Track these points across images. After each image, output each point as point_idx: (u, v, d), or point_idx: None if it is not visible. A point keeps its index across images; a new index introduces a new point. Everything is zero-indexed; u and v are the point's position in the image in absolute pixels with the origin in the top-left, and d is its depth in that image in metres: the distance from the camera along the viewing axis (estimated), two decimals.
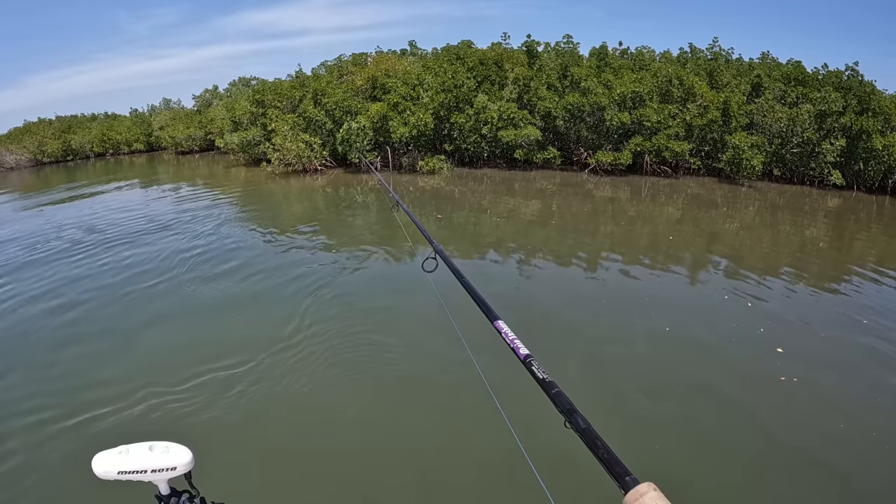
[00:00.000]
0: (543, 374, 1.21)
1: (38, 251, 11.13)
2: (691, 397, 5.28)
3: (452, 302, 3.14)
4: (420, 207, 15.20)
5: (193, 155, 38.60)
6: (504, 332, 1.44)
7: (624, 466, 0.93)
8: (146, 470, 1.40)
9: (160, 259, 9.83)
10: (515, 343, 1.37)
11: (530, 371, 1.24)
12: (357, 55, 29.04)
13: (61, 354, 6.15)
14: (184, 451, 1.46)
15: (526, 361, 1.28)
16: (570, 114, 20.74)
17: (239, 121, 26.14)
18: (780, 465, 4.33)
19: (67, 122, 46.82)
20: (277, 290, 8.08)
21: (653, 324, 6.90)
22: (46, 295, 8.22)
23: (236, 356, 5.82)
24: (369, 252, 10.24)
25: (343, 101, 21.82)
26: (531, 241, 11.77)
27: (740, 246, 11.57)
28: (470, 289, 1.78)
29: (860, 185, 18.56)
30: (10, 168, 38.28)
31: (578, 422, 1.06)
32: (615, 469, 0.93)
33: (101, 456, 1.40)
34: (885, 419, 4.92)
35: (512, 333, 1.41)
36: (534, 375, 1.22)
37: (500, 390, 1.88)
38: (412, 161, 22.02)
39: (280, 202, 17.21)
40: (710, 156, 20.43)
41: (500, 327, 1.47)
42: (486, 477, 4.12)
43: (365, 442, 4.50)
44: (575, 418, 1.07)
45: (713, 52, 25.35)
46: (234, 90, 43.04)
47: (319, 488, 4.03)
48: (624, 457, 0.96)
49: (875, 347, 6.43)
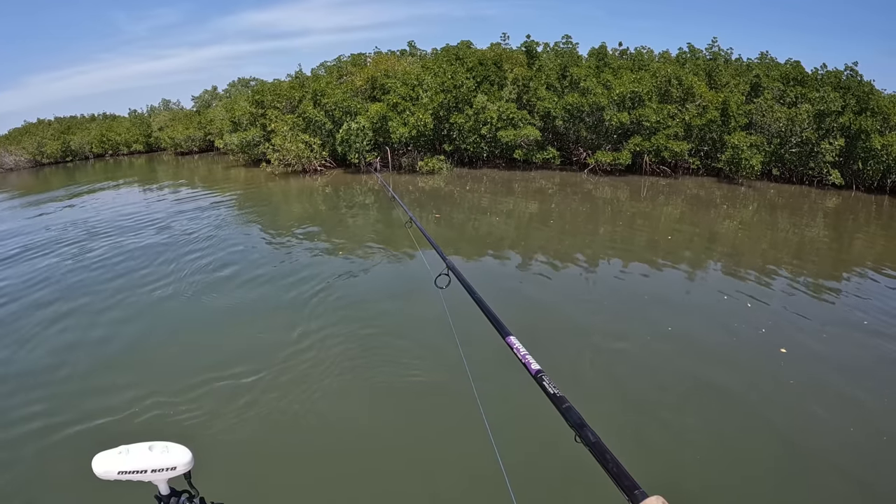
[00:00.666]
0: (554, 389, 1.22)
1: (39, 254, 11.11)
2: (697, 402, 5.21)
3: (460, 312, 3.10)
4: (420, 207, 15.21)
5: (193, 155, 38.61)
6: (516, 347, 1.45)
7: (633, 480, 0.94)
8: (146, 470, 1.41)
9: (160, 262, 9.82)
10: (527, 358, 1.38)
11: (541, 386, 1.25)
12: (356, 56, 29.04)
13: (62, 358, 6.14)
14: (183, 451, 1.46)
15: (537, 377, 1.29)
16: (569, 114, 20.76)
17: (238, 121, 26.14)
18: (797, 473, 4.21)
19: (67, 123, 46.82)
20: (278, 293, 8.06)
21: (654, 325, 6.88)
22: (46, 296, 8.21)
23: (236, 360, 5.81)
24: (372, 254, 10.24)
25: (342, 102, 21.82)
26: (530, 241, 11.79)
27: (739, 245, 11.59)
28: (482, 304, 1.79)
29: (859, 185, 18.61)
30: (9, 169, 38.29)
31: (588, 436, 1.07)
32: (624, 482, 0.94)
33: (101, 456, 1.41)
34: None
35: (524, 349, 1.43)
36: (545, 390, 1.24)
37: (495, 404, 1.84)
38: (412, 161, 22.03)
39: (280, 203, 17.21)
40: (710, 156, 20.47)
41: (512, 343, 1.48)
42: (471, 493, 3.97)
43: (365, 449, 4.49)
44: (585, 432, 1.08)
45: (712, 53, 25.37)
46: (234, 91, 43.04)
47: (319, 492, 4.03)
48: (631, 466, 0.97)
49: (878, 346, 6.44)
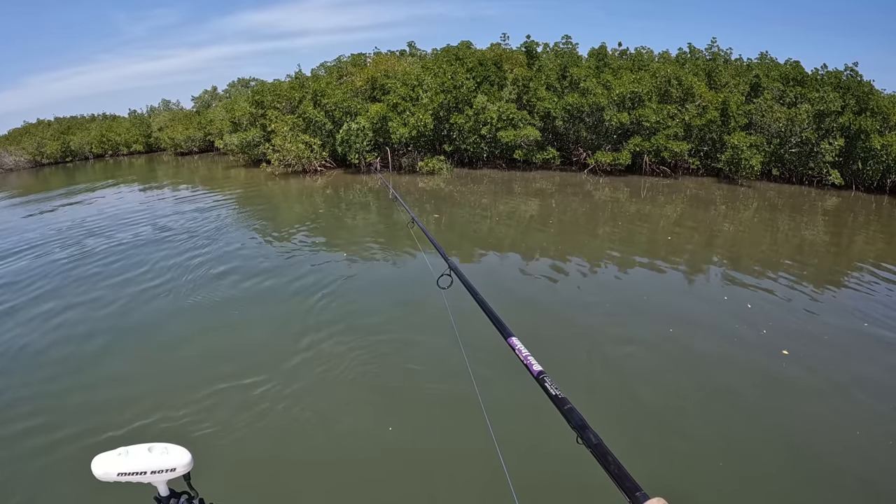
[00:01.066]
0: (556, 391, 1.22)
1: (40, 255, 11.11)
2: (698, 404, 5.17)
3: (463, 312, 3.12)
4: (420, 207, 15.23)
5: (193, 156, 38.64)
6: (518, 348, 1.46)
7: (634, 481, 0.94)
8: (146, 471, 1.41)
9: (160, 264, 9.81)
10: (529, 360, 1.38)
11: (543, 387, 1.26)
12: (356, 56, 29.05)
13: (59, 359, 6.14)
14: (183, 452, 1.46)
15: (539, 378, 1.30)
16: (569, 114, 20.77)
17: (238, 122, 26.16)
18: (800, 476, 4.16)
19: (66, 124, 46.87)
20: (280, 295, 8.07)
21: (654, 326, 6.85)
22: (46, 298, 8.21)
23: (237, 362, 5.81)
24: (374, 255, 10.26)
25: (343, 102, 21.83)
26: (531, 241, 11.80)
27: (739, 246, 11.60)
28: (484, 305, 1.79)
29: (859, 185, 18.62)
30: (9, 169, 38.34)
31: (590, 437, 1.07)
32: (625, 484, 0.94)
33: (101, 458, 1.40)
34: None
35: (525, 350, 1.43)
36: (547, 392, 1.24)
37: (498, 405, 1.82)
38: (412, 161, 22.05)
39: (280, 203, 17.22)
40: (709, 156, 20.48)
41: (513, 344, 1.49)
42: (473, 494, 3.99)
43: (366, 451, 4.47)
44: (587, 434, 1.08)
45: (712, 53, 25.38)
46: (234, 91, 43.08)
47: (319, 494, 4.03)
48: (632, 467, 0.98)
49: (881, 348, 6.41)
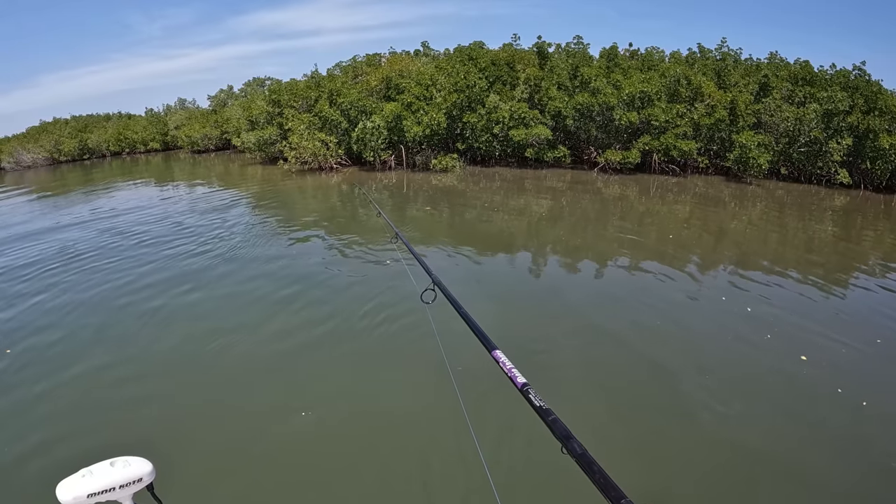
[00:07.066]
0: (540, 402, 1.22)
1: (65, 254, 10.88)
2: (698, 405, 5.05)
3: (448, 327, 3.18)
4: (432, 204, 15.74)
5: (209, 154, 39.35)
6: (502, 361, 1.46)
7: (620, 490, 0.94)
8: (114, 487, 1.37)
9: (160, 264, 9.60)
10: (513, 372, 1.39)
11: (527, 399, 1.26)
12: (371, 56, 29.56)
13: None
14: (143, 462, 1.45)
15: (523, 390, 1.30)
16: (579, 113, 21.15)
17: (255, 120, 26.78)
18: (799, 484, 3.98)
19: (84, 122, 47.81)
20: (267, 297, 7.87)
21: (655, 327, 6.77)
22: (45, 300, 8.00)
23: (205, 365, 5.76)
24: (367, 263, 9.62)
25: (358, 101, 22.38)
26: (541, 237, 12.11)
27: (748, 244, 11.66)
28: (468, 319, 1.81)
29: (867, 184, 18.79)
30: (27, 166, 39.27)
31: (575, 448, 1.07)
32: (611, 493, 0.94)
33: (66, 483, 1.31)
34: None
35: (510, 363, 1.44)
36: (531, 403, 1.24)
37: (482, 417, 1.80)
38: (425, 159, 22.52)
39: (297, 200, 17.68)
40: (718, 154, 20.75)
41: (497, 357, 1.49)
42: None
43: (346, 461, 4.34)
44: (571, 444, 1.08)
45: (721, 53, 25.52)
46: (249, 90, 43.84)
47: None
48: (618, 477, 0.99)
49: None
